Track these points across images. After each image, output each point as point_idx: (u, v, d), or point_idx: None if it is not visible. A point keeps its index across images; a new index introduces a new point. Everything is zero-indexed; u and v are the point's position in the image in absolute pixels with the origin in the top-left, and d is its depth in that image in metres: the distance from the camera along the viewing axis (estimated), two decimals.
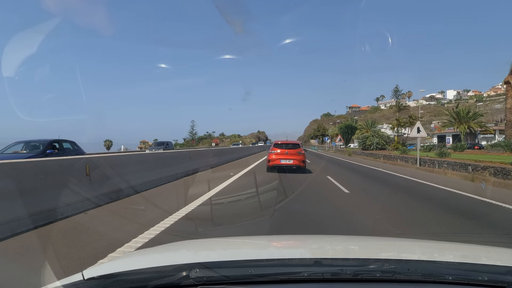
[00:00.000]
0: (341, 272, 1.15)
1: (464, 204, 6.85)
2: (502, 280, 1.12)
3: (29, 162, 5.32)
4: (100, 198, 5.96)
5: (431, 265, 1.28)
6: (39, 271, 2.69)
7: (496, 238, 4.33)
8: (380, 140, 35.33)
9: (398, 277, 1.14)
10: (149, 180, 8.08)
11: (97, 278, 1.12)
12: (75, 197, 5.32)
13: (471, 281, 1.13)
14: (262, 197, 6.78)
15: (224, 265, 1.23)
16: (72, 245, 3.71)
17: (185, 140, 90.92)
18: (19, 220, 4.20)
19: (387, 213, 5.66)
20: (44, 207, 4.66)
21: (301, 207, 5.97)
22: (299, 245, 1.82)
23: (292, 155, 12.38)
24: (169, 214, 5.16)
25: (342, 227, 4.70)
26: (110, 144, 70.08)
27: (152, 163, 8.77)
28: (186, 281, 1.10)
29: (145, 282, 1.10)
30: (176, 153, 11.46)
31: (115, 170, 6.76)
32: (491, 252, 1.56)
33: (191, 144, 75.84)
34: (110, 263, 1.55)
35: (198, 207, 5.89)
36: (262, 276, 1.15)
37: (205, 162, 13.38)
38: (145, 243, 3.74)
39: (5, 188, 4.20)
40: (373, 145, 34.65)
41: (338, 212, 5.75)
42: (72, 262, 3.14)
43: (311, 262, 1.30)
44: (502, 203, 6.67)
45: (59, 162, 5.49)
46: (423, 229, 4.74)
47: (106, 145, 69.62)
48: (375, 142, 34.92)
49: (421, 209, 6.27)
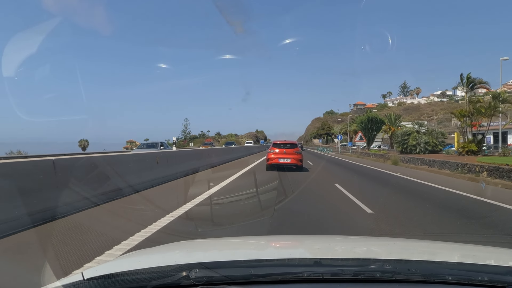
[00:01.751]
0: (341, 272, 1.15)
1: None
2: (502, 280, 1.12)
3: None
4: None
5: (431, 265, 1.28)
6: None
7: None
8: (431, 139, 22.56)
9: (398, 277, 1.14)
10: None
11: (97, 278, 1.12)
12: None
13: (471, 281, 1.12)
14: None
15: (224, 265, 1.23)
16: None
17: (178, 140, 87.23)
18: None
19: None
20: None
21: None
22: (299, 245, 1.82)
23: (290, 154, 13.05)
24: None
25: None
26: (86, 144, 60.57)
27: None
28: (186, 281, 1.10)
29: (145, 282, 1.10)
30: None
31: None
32: (491, 252, 1.56)
33: (182, 144, 70.13)
34: (110, 263, 1.54)
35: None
36: (262, 276, 1.15)
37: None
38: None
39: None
40: (419, 147, 22.52)
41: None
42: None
43: (311, 262, 1.30)
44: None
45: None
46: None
47: (81, 145, 59.88)
48: (423, 142, 22.37)
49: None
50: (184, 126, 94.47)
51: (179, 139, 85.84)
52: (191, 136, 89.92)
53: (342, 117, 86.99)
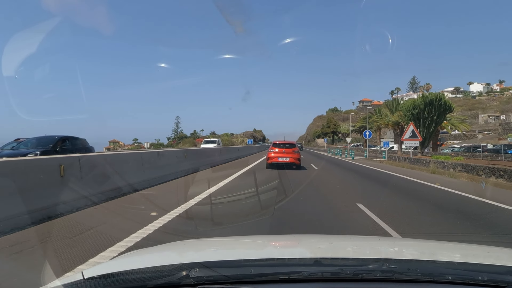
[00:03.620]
0: (341, 271, 1.15)
1: None
2: (502, 280, 1.12)
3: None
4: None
5: (431, 264, 1.28)
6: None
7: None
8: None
9: (398, 276, 1.14)
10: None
11: (97, 277, 1.12)
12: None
13: (471, 281, 1.12)
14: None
15: (224, 265, 1.23)
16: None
17: (169, 140, 79.34)
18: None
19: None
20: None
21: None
22: (299, 245, 1.82)
23: (289, 153, 13.78)
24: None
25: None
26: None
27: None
28: (186, 281, 1.10)
29: (145, 282, 1.10)
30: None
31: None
32: (491, 252, 1.56)
33: (171, 144, 64.77)
34: (110, 262, 1.55)
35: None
36: (262, 276, 1.15)
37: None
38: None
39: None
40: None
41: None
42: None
43: (311, 261, 1.30)
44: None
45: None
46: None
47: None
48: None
49: None
50: (176, 125, 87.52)
51: (170, 139, 79.73)
52: (180, 135, 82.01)
53: (347, 115, 79.61)
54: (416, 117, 21.13)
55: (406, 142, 18.73)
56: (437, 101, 20.66)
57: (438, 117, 20.89)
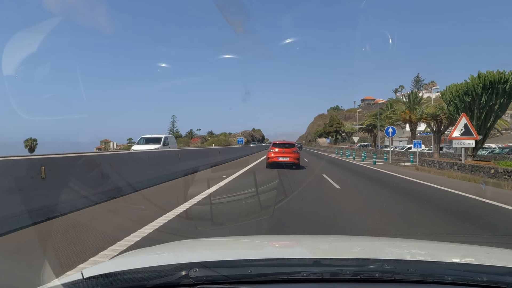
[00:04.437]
0: (340, 272, 1.15)
1: None
2: (502, 281, 1.12)
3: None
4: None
5: (430, 265, 1.28)
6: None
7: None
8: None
9: (397, 277, 1.14)
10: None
11: (97, 277, 1.12)
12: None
13: (470, 282, 1.12)
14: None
15: (224, 265, 1.23)
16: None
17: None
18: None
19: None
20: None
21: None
22: (299, 245, 1.81)
23: (288, 153, 14.10)
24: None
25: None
26: (34, 144, 49.77)
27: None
28: (186, 281, 1.09)
29: (144, 282, 1.09)
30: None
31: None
32: (490, 252, 1.56)
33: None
34: (110, 262, 1.54)
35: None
36: (261, 276, 1.15)
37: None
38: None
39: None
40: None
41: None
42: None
43: (310, 262, 1.30)
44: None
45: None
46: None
47: (27, 145, 49.45)
48: None
49: None
50: (171, 124, 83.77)
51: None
52: (175, 135, 76.57)
53: (349, 114, 77.28)
54: (468, 107, 14.27)
55: (456, 141, 13.25)
56: (501, 83, 13.35)
57: (500, 107, 13.87)
